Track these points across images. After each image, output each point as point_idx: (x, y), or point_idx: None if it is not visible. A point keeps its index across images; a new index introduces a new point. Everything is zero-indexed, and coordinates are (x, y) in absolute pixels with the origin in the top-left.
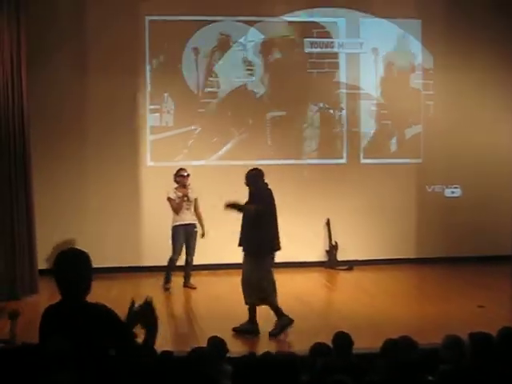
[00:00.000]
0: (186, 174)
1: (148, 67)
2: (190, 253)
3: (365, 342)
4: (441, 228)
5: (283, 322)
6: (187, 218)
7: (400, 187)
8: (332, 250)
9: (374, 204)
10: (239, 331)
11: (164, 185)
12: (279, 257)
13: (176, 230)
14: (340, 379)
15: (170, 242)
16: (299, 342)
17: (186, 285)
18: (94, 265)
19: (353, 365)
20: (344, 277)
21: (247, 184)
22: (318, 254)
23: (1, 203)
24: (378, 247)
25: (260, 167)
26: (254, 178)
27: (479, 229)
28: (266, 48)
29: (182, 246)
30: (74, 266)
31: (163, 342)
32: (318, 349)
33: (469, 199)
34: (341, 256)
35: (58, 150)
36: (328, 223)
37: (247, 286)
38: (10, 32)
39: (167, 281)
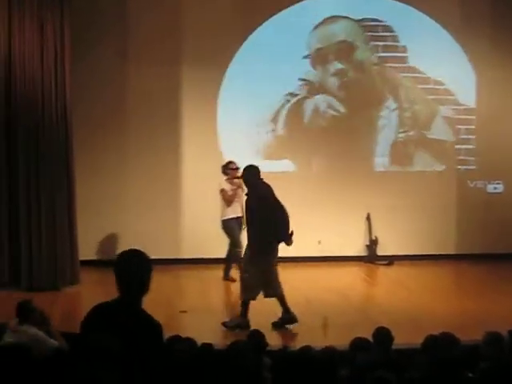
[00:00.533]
0: (235, 167)
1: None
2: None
3: (404, 338)
4: (481, 224)
5: (241, 321)
6: (238, 210)
7: (442, 182)
8: (372, 244)
9: (415, 199)
10: (277, 325)
11: (203, 175)
12: (319, 251)
13: (230, 223)
14: (383, 376)
15: (226, 236)
16: (338, 337)
17: (226, 278)
18: None
19: (393, 360)
20: (384, 272)
21: (243, 180)
22: (357, 249)
23: (43, 193)
24: (418, 242)
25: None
26: (249, 175)
27: None
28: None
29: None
30: (134, 267)
31: (202, 335)
32: (359, 343)
33: (511, 195)
34: (381, 251)
35: (99, 138)
36: (368, 218)
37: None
38: (54, 23)
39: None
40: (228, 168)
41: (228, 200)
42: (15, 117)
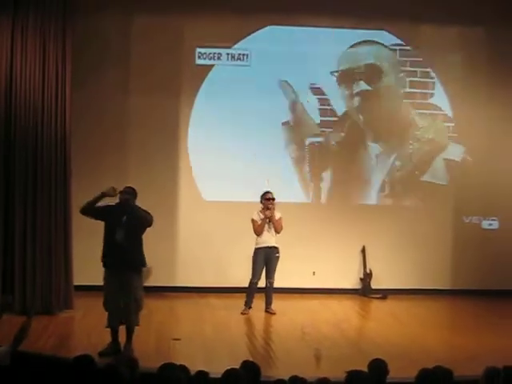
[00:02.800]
0: (268, 197)
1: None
2: (269, 276)
3: (396, 371)
4: (476, 260)
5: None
6: (268, 240)
7: (436, 217)
8: (366, 277)
9: (410, 233)
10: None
11: (200, 209)
12: (313, 282)
13: (256, 252)
14: None
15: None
16: (331, 369)
17: (267, 310)
18: None
19: None
20: (377, 305)
21: (130, 199)
22: (351, 282)
23: (39, 217)
24: (413, 277)
25: None
26: (135, 197)
27: None
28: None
29: (262, 269)
30: None
31: (195, 363)
32: (355, 376)
33: (506, 231)
34: (375, 284)
35: (97, 164)
36: (363, 251)
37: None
38: (56, 48)
39: (246, 305)
40: (264, 198)
41: (256, 230)
42: (14, 139)
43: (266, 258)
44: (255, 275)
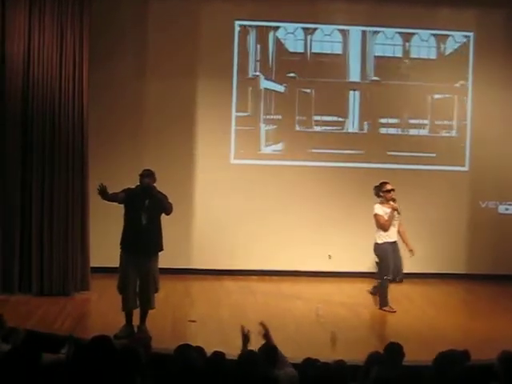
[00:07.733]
0: (390, 188)
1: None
2: (401, 270)
3: (411, 355)
4: (492, 244)
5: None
6: (394, 235)
7: (452, 201)
8: None
9: (426, 217)
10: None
11: (215, 192)
12: (329, 266)
13: (384, 247)
14: None
15: (377, 261)
16: (347, 351)
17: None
18: None
19: (403, 376)
20: (393, 289)
21: (152, 183)
22: (367, 265)
23: (56, 198)
24: (428, 261)
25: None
26: (155, 179)
27: None
28: None
29: (393, 264)
30: None
31: (210, 345)
32: (375, 357)
33: None
34: None
35: (114, 145)
36: None
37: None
38: (73, 30)
39: (386, 303)
40: (383, 191)
41: (384, 225)
42: (31, 122)
43: (393, 253)
44: (389, 271)
